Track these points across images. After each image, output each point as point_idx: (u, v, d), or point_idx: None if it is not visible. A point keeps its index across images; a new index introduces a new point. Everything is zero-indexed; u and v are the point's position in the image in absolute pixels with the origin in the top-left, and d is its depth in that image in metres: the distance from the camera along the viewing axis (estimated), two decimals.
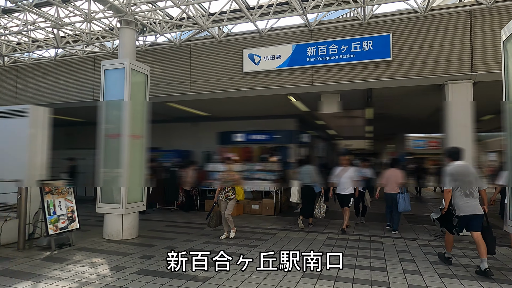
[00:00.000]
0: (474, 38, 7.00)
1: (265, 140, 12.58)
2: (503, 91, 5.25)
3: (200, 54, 9.07)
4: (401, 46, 7.44)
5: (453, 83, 7.19)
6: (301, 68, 8.14)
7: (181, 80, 9.21)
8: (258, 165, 11.07)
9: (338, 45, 7.85)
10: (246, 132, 12.80)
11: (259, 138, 12.64)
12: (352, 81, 7.75)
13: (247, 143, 12.80)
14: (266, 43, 8.47)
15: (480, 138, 26.48)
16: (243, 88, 8.59)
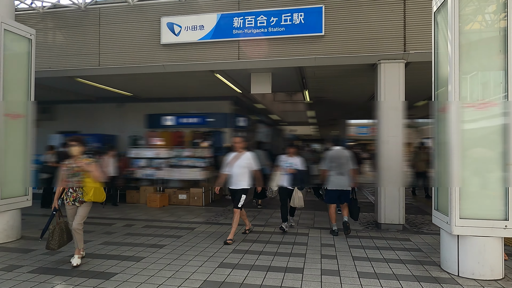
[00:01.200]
0: (407, 14, 6.53)
1: (198, 124, 11.57)
2: (432, 68, 4.76)
3: (111, 21, 7.72)
4: (334, 21, 6.78)
5: (386, 62, 6.71)
6: (227, 41, 7.18)
7: (88, 51, 7.80)
8: (187, 151, 10.05)
9: (267, 17, 7.00)
10: (177, 114, 11.66)
11: (191, 121, 11.59)
12: (281, 58, 6.98)
13: (178, 127, 11.68)
14: (188, 11, 7.37)
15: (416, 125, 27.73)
16: (161, 62, 7.45)
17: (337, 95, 11.14)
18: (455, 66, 4.03)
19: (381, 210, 6.71)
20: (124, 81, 9.27)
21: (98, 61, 7.76)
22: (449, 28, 4.08)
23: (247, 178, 5.74)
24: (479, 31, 4.22)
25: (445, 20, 4.34)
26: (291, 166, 6.43)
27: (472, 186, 4.06)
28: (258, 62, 7.14)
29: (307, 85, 9.49)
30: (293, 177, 6.37)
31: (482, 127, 4.13)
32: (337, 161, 6.14)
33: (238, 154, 5.82)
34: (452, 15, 4.02)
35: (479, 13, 4.22)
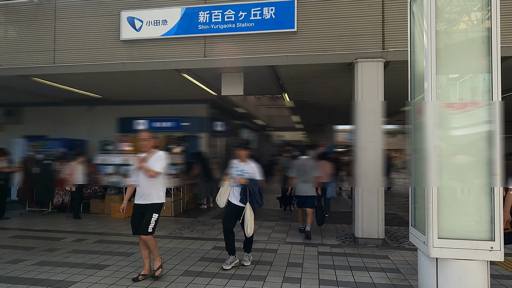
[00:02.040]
0: (386, 9, 5.99)
1: (172, 128, 10.91)
2: (408, 64, 4.20)
3: (67, 15, 7.07)
4: (307, 16, 6.22)
5: (363, 61, 6.16)
6: (192, 37, 6.57)
7: (43, 48, 7.13)
8: None
9: (236, 11, 6.41)
10: (150, 118, 10.99)
11: (165, 126, 10.93)
12: (251, 56, 6.38)
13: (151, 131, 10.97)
14: (150, 5, 6.75)
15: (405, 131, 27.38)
16: (121, 60, 6.80)
17: (319, 99, 10.59)
18: (431, 60, 3.46)
19: (359, 223, 6.10)
20: (90, 81, 8.62)
21: (53, 58, 7.09)
22: (424, 15, 3.52)
23: (159, 188, 4.19)
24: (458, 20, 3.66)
25: (420, 9, 3.78)
26: (242, 175, 4.65)
27: (451, 200, 3.46)
28: (225, 60, 6.53)
29: (285, 87, 8.92)
30: (243, 191, 4.63)
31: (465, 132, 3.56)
32: (303, 169, 6.61)
33: (147, 155, 4.23)
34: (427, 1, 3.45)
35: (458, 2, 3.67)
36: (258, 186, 4.69)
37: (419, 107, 3.78)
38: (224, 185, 4.78)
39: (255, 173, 4.68)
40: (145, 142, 4.30)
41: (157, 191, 4.17)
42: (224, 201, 4.72)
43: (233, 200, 4.69)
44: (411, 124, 4.15)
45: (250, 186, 4.59)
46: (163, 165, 4.20)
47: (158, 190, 4.18)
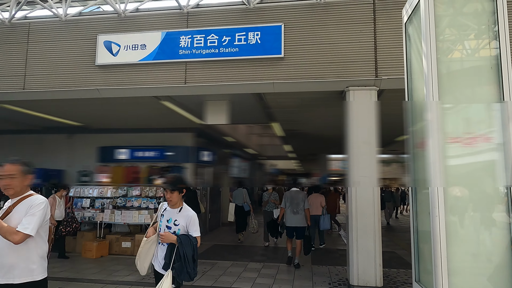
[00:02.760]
0: (378, 35, 5.64)
1: (155, 158, 10.28)
2: (406, 92, 3.74)
3: (41, 38, 6.64)
4: (295, 41, 5.84)
5: (355, 89, 5.73)
6: (172, 62, 6.14)
7: (13, 73, 6.64)
8: (136, 190, 8.70)
9: (219, 36, 6.03)
10: (132, 147, 10.39)
11: (148, 155, 10.31)
12: (235, 82, 5.94)
13: (133, 161, 10.36)
14: (129, 29, 6.36)
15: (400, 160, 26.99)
16: (95, 86, 6.31)
17: (310, 128, 10.12)
18: (433, 87, 2.98)
19: (353, 268, 5.42)
20: (69, 109, 8.09)
21: (23, 84, 6.58)
22: (422, 37, 3.08)
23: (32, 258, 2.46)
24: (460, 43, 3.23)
25: (417, 30, 3.35)
26: (170, 228, 3.12)
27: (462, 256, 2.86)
28: (207, 87, 6.07)
29: (274, 116, 8.45)
30: (169, 253, 3.06)
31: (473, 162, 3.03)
32: (293, 201, 6.87)
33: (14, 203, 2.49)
34: (426, 20, 3.02)
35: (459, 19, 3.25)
36: (193, 248, 3.03)
37: (421, 141, 3.26)
38: (146, 243, 3.17)
39: (190, 226, 3.11)
40: (7, 181, 2.45)
41: (27, 262, 2.43)
42: (145, 266, 3.20)
43: (156, 266, 3.16)
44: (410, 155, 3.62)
45: (180, 246, 2.99)
46: (37, 221, 2.40)
47: (29, 261, 2.43)
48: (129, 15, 6.35)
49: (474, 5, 3.26)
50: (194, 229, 3.14)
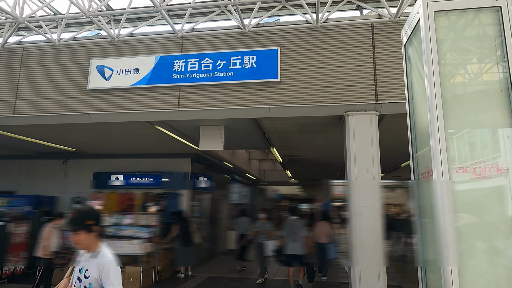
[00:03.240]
0: (377, 59, 5.45)
1: (151, 185, 9.98)
2: (408, 117, 3.47)
3: (34, 62, 6.53)
4: (291, 65, 5.67)
5: (355, 114, 5.48)
6: (165, 87, 5.97)
7: (3, 97, 6.49)
8: (128, 218, 8.34)
9: (214, 60, 5.88)
10: (127, 173, 10.12)
11: (143, 181, 10.02)
12: (230, 107, 5.72)
13: (128, 188, 10.06)
14: (122, 53, 6.24)
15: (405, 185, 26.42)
16: (86, 111, 6.12)
17: (309, 153, 9.84)
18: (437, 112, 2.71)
19: None
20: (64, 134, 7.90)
21: (13, 109, 6.41)
22: (424, 58, 2.84)
23: None
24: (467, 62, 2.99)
25: (418, 51, 3.13)
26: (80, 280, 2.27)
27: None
28: (201, 112, 5.86)
29: (272, 142, 8.20)
30: None
31: None
32: (292, 229, 6.90)
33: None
34: (427, 40, 2.80)
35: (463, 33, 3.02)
36: None
37: (426, 169, 2.96)
38: None
39: (103, 278, 2.21)
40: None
41: None
42: None
43: None
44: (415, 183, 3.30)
45: None
46: None
47: None
48: (123, 40, 6.25)
49: (476, 29, 3.06)
50: (110, 283, 2.18)
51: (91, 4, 5.38)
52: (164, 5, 5.35)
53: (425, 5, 2.89)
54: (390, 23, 5.48)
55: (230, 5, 5.64)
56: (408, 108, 3.53)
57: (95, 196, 10.03)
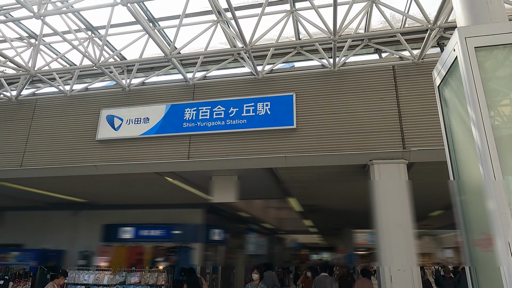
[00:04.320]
0: (402, 102, 5.03)
1: (161, 238, 9.43)
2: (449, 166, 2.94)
3: (45, 114, 6.45)
4: (308, 111, 5.31)
5: (381, 163, 4.96)
6: (175, 136, 5.67)
7: (13, 149, 6.34)
8: (135, 276, 7.72)
9: (226, 107, 5.61)
10: (137, 225, 9.64)
11: (153, 234, 9.49)
12: (243, 157, 5.32)
13: (137, 241, 9.52)
14: (133, 102, 6.09)
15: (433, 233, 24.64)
16: (93, 162, 5.85)
17: (330, 203, 9.17)
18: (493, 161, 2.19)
19: None
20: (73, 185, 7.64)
21: (21, 161, 6.22)
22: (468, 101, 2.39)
23: None
24: None
25: (457, 92, 2.69)
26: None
27: None
28: (212, 162, 5.47)
29: (289, 191, 7.66)
30: None
31: None
32: (322, 286, 6.79)
33: None
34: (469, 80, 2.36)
35: None
36: None
37: (482, 237, 2.37)
38: None
39: None
40: None
41: None
42: None
43: None
44: (466, 252, 2.67)
45: None
46: None
47: None
48: (134, 89, 6.13)
49: None
50: None
51: (102, 54, 5.31)
52: (175, 53, 5.21)
53: (463, 41, 2.48)
54: (413, 65, 5.13)
55: (242, 52, 5.48)
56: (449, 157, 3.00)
57: (103, 250, 9.53)
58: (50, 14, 4.25)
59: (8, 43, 5.52)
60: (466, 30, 2.43)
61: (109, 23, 4.91)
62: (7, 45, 6.08)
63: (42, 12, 4.18)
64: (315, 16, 4.94)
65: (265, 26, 5.31)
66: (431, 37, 4.76)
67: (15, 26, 5.73)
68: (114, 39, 5.99)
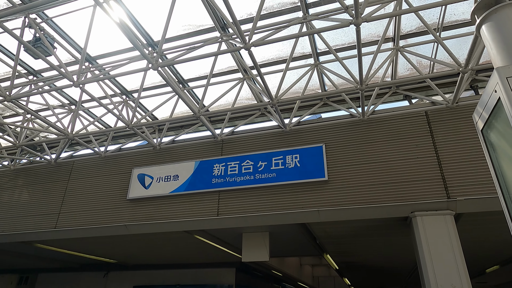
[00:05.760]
0: (440, 148, 4.74)
1: None
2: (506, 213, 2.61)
3: (81, 175, 6.66)
4: (340, 162, 5.12)
5: (424, 215, 4.55)
6: (204, 193, 5.60)
7: (48, 211, 6.50)
8: None
9: (255, 161, 5.54)
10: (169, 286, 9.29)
11: None
12: (274, 212, 5.10)
13: None
14: (163, 160, 6.18)
15: None
16: (123, 221, 5.83)
17: (370, 259, 8.47)
18: None
19: None
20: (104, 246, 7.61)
21: (56, 222, 6.32)
22: None
23: None
24: None
25: (506, 135, 2.45)
26: None
27: None
28: (242, 218, 5.28)
29: (325, 247, 7.17)
30: None
31: None
32: None
33: None
34: None
35: None
36: None
37: None
38: None
39: None
40: None
41: None
42: None
43: None
44: None
45: None
46: None
47: None
48: (164, 147, 6.26)
49: None
50: None
51: (134, 115, 5.54)
52: (203, 111, 5.34)
53: (504, 81, 2.32)
54: (447, 109, 4.91)
55: (269, 106, 5.53)
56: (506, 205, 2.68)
57: None
58: (88, 82, 4.54)
59: (51, 111, 5.92)
60: (507, 70, 2.28)
61: (141, 87, 5.18)
62: (49, 112, 6.53)
63: (81, 80, 4.49)
64: (339, 67, 4.97)
65: (290, 79, 5.40)
66: (464, 80, 4.59)
67: (56, 93, 6.17)
68: (146, 100, 6.28)
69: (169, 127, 6.82)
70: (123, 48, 5.04)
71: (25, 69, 5.51)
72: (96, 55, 5.16)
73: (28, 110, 5.58)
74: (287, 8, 4.44)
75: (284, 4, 4.42)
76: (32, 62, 5.46)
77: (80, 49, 4.93)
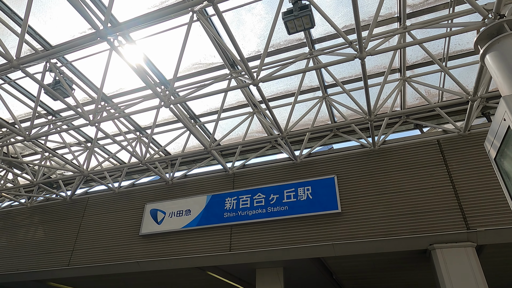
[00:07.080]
0: (455, 177, 4.63)
1: None
2: None
3: (95, 211, 6.71)
4: (352, 193, 5.04)
5: (443, 247, 4.38)
6: (216, 227, 5.55)
7: (62, 248, 6.52)
8: None
9: (266, 194, 5.51)
10: None
11: None
12: (286, 246, 4.99)
13: None
14: (176, 195, 6.20)
15: None
16: (135, 258, 5.78)
17: None
18: None
19: None
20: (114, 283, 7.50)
21: (69, 260, 6.31)
22: None
23: None
24: None
25: None
26: None
27: None
28: (255, 253, 5.17)
29: (342, 283, 6.89)
30: None
31: None
32: None
33: None
34: None
35: None
36: None
37: None
38: None
39: None
40: None
41: None
42: None
43: None
44: None
45: None
46: None
47: None
48: (176, 182, 6.30)
49: None
50: None
51: (147, 151, 5.65)
52: (214, 145, 5.41)
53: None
54: (459, 137, 4.85)
55: (279, 138, 5.57)
56: None
57: None
58: (103, 121, 4.70)
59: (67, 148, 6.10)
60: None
61: (154, 124, 5.33)
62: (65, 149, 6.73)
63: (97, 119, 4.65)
64: (348, 98, 5.03)
65: (299, 112, 5.47)
66: (474, 108, 4.57)
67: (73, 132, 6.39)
68: (159, 136, 6.42)
69: (182, 162, 6.90)
70: (136, 88, 5.25)
71: (44, 109, 5.76)
72: (111, 94, 5.37)
73: (46, 149, 5.77)
74: (294, 45, 4.60)
75: (290, 41, 4.58)
76: (51, 103, 5.72)
77: (97, 88, 5.15)
